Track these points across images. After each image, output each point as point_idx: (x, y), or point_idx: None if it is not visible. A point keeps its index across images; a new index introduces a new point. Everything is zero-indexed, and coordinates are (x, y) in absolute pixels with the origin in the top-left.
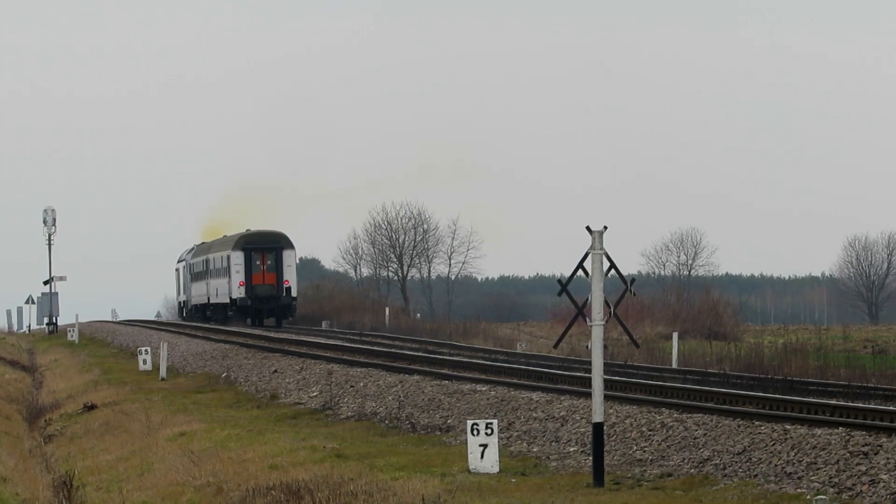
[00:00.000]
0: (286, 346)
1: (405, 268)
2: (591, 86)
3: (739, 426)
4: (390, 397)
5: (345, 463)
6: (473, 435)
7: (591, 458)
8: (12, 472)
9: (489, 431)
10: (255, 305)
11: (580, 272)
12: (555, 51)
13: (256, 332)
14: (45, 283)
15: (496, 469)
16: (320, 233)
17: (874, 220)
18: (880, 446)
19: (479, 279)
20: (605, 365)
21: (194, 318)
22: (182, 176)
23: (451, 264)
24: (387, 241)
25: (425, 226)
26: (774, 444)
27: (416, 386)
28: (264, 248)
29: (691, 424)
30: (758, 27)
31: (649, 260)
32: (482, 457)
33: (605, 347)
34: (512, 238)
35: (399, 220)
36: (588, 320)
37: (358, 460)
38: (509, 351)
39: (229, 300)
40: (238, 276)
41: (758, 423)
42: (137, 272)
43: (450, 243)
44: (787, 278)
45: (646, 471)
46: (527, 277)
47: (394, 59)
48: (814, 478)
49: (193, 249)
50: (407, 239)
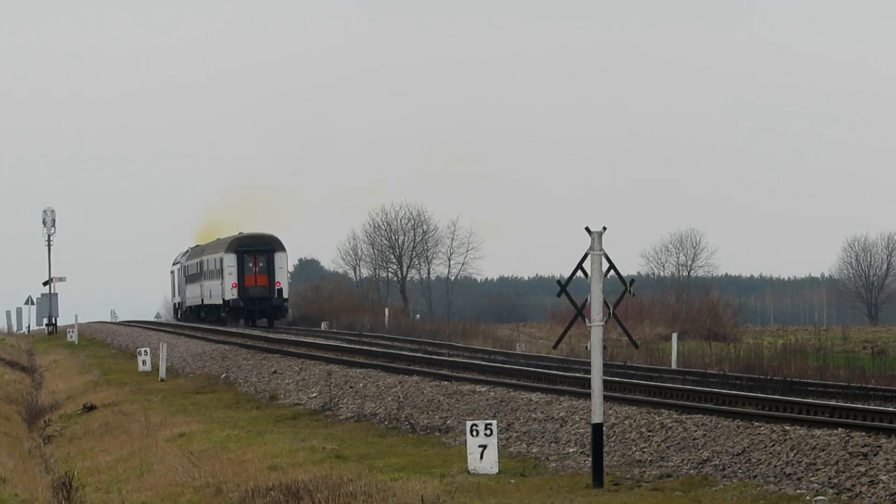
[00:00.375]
0: (285, 346)
1: (404, 268)
2: (591, 86)
3: (739, 427)
4: (390, 398)
5: (344, 464)
6: (473, 436)
7: (590, 459)
8: (12, 472)
9: (488, 432)
10: (248, 306)
11: (579, 273)
12: (555, 51)
13: (255, 332)
14: (45, 283)
15: (495, 470)
16: (320, 234)
17: (874, 220)
18: (880, 447)
19: (479, 280)
20: (605, 366)
21: (189, 319)
22: (181, 176)
23: (450, 265)
24: (386, 241)
25: (425, 226)
26: (774, 445)
27: (415, 387)
28: (256, 251)
29: (691, 425)
30: (758, 27)
31: (649, 261)
32: (481, 458)
33: (605, 348)
34: (511, 239)
35: (398, 220)
36: (587, 321)
37: (357, 461)
38: (509, 352)
39: (222, 301)
40: (231, 277)
41: (757, 423)
42: (137, 273)
43: (449, 244)
44: (786, 279)
45: (645, 472)
46: (526, 278)
47: (393, 60)
48: (813, 479)
49: (188, 252)
50: (406, 240)
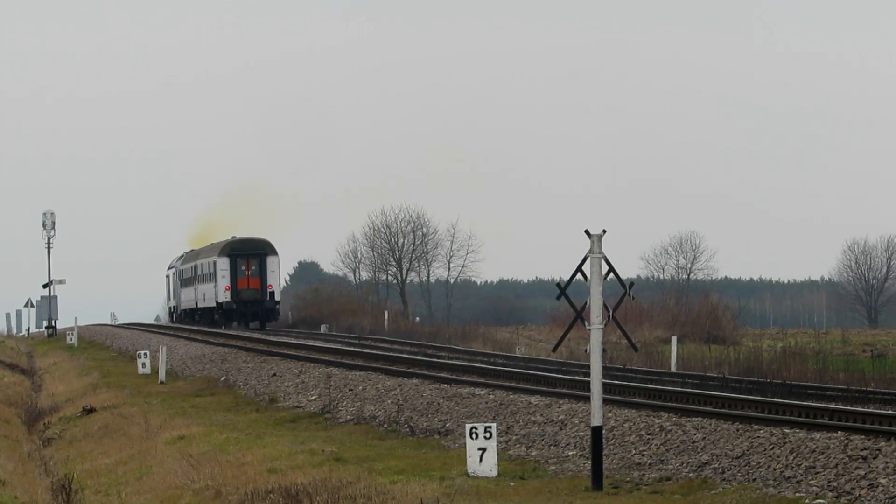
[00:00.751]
0: (285, 349)
1: (404, 271)
2: (590, 88)
3: (738, 430)
4: (389, 401)
5: (343, 466)
6: (472, 438)
7: (589, 462)
8: (11, 475)
9: (488, 435)
10: (240, 309)
11: (579, 276)
12: (554, 52)
13: (255, 335)
14: (45, 286)
15: (495, 473)
16: (319, 236)
17: (873, 223)
18: (879, 450)
19: (478, 283)
20: (604, 368)
21: (183, 322)
22: (181, 178)
23: (450, 268)
24: (386, 244)
25: (424, 229)
26: (773, 448)
27: (414, 389)
28: (249, 255)
29: (690, 428)
30: (758, 29)
31: (648, 264)
32: (481, 460)
33: (604, 351)
34: (511, 241)
35: (398, 223)
36: (587, 324)
37: (357, 464)
38: (508, 354)
39: (216, 304)
40: (224, 280)
41: (756, 426)
42: (137, 275)
43: (449, 247)
44: (786, 282)
45: (644, 474)
46: (526, 281)
47: (393, 60)
48: (812, 482)
49: (183, 257)
50: (406, 242)
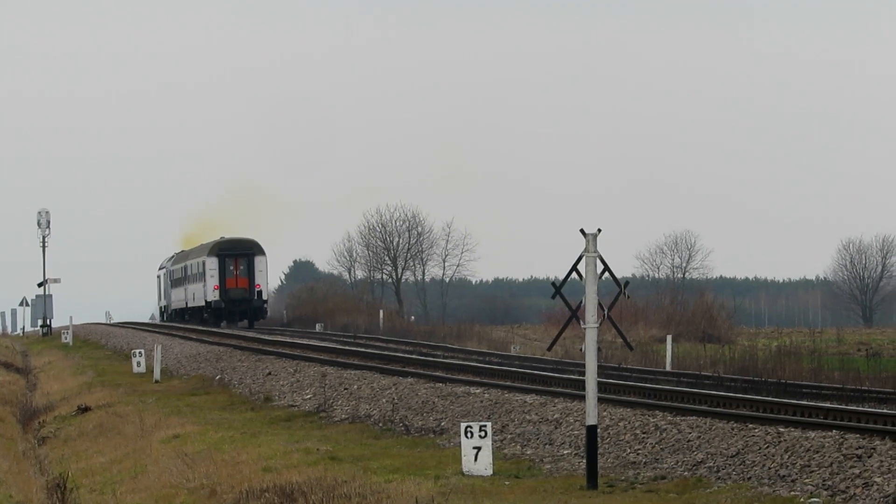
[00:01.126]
0: (280, 348)
1: (399, 270)
2: (586, 88)
3: (733, 429)
4: (384, 400)
5: (338, 465)
6: (467, 437)
7: (584, 461)
8: (6, 474)
9: (483, 434)
10: (229, 308)
11: (574, 275)
12: (550, 53)
13: (250, 334)
14: (40, 285)
15: (490, 472)
16: (315, 235)
17: (868, 222)
18: (874, 449)
19: (474, 282)
20: (599, 367)
21: (174, 322)
22: (177, 178)
23: (445, 267)
24: (381, 243)
25: (419, 228)
26: (768, 447)
27: (410, 388)
28: (237, 255)
29: (685, 427)
30: (755, 30)
31: (643, 263)
32: (476, 459)
33: (599, 350)
34: (506, 241)
35: (393, 222)
36: (582, 323)
37: (352, 463)
38: (503, 353)
39: (205, 303)
40: (213, 280)
41: (751, 425)
42: (132, 274)
43: (444, 246)
44: (781, 281)
45: (639, 473)
46: (521, 280)
47: (390, 63)
48: (807, 480)
49: (173, 257)
50: (401, 241)
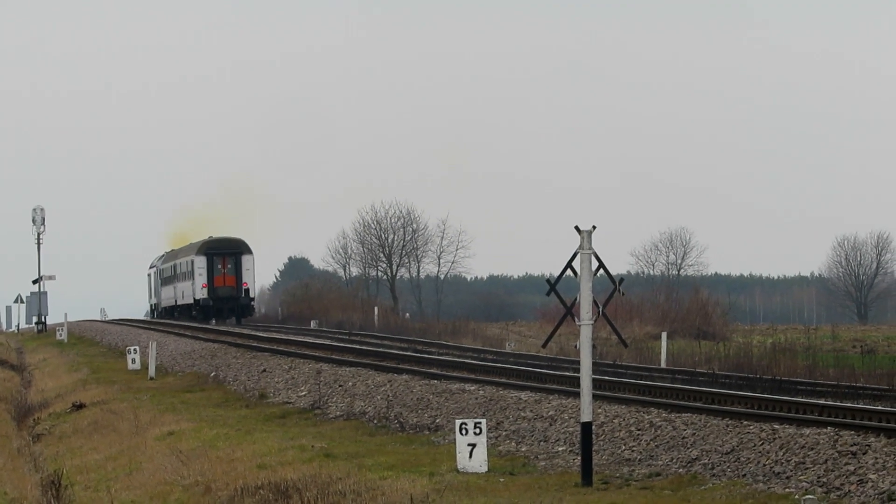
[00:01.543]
0: (275, 345)
1: (394, 267)
2: (579, 85)
3: (728, 426)
4: (379, 397)
5: (333, 462)
6: (462, 434)
7: (579, 458)
8: (1, 471)
9: (478, 431)
10: (217, 305)
11: (569, 272)
12: (543, 50)
13: (245, 331)
14: (34, 282)
15: (484, 469)
16: (310, 232)
17: (863, 219)
18: (869, 446)
19: (469, 278)
20: (594, 364)
21: (164, 319)
22: (173, 175)
23: (440, 263)
24: (376, 240)
25: (414, 225)
26: (763, 444)
27: (404, 385)
28: (225, 253)
29: (680, 424)
30: (749, 25)
31: (638, 259)
32: (470, 456)
33: (594, 347)
34: (501, 237)
35: (388, 219)
36: (577, 320)
37: (346, 460)
38: (498, 350)
39: (193, 301)
40: (201, 278)
41: (746, 422)
42: (126, 271)
43: (439, 243)
44: (776, 278)
45: (634, 470)
46: (516, 277)
47: (382, 60)
48: (802, 477)
49: (163, 256)
50: (396, 238)
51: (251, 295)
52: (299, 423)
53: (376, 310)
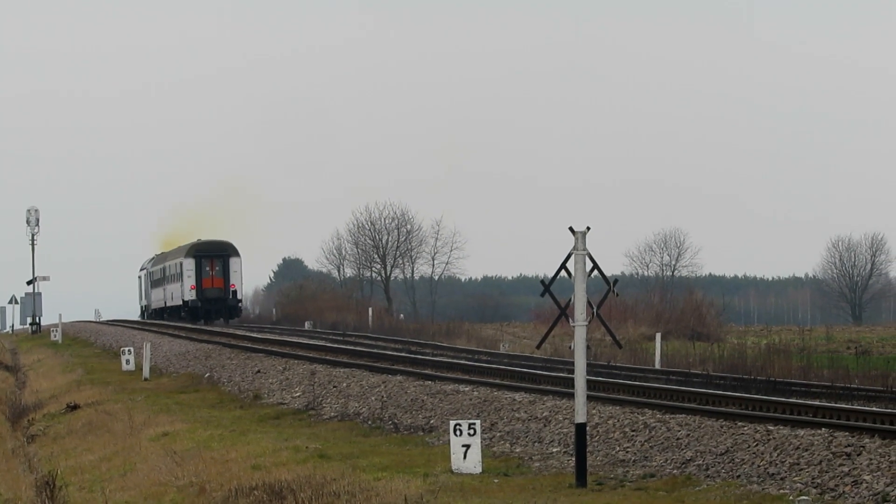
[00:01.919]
0: (269, 346)
1: (388, 268)
2: (575, 86)
3: (722, 427)
4: (373, 398)
5: (327, 463)
6: (456, 435)
7: (573, 459)
8: None
9: (472, 432)
10: (205, 307)
11: (563, 273)
12: (540, 51)
13: (239, 332)
14: (29, 283)
15: (479, 469)
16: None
17: (858, 221)
18: (863, 447)
19: (463, 280)
20: (588, 365)
21: (153, 320)
22: (168, 176)
23: (434, 265)
24: (370, 241)
25: (409, 226)
26: (757, 445)
27: (399, 386)
28: (213, 256)
29: (674, 425)
30: (747, 27)
31: (633, 260)
32: (465, 457)
33: (588, 348)
34: (495, 238)
35: (382, 220)
36: (571, 321)
37: (341, 460)
38: (492, 351)
39: (182, 302)
40: (190, 280)
41: (741, 423)
42: (121, 273)
43: (433, 244)
44: (770, 279)
45: (628, 471)
46: (510, 278)
47: (379, 61)
48: (796, 478)
49: (153, 259)
50: (390, 239)
51: (238, 296)
52: (294, 424)
53: (370, 311)
